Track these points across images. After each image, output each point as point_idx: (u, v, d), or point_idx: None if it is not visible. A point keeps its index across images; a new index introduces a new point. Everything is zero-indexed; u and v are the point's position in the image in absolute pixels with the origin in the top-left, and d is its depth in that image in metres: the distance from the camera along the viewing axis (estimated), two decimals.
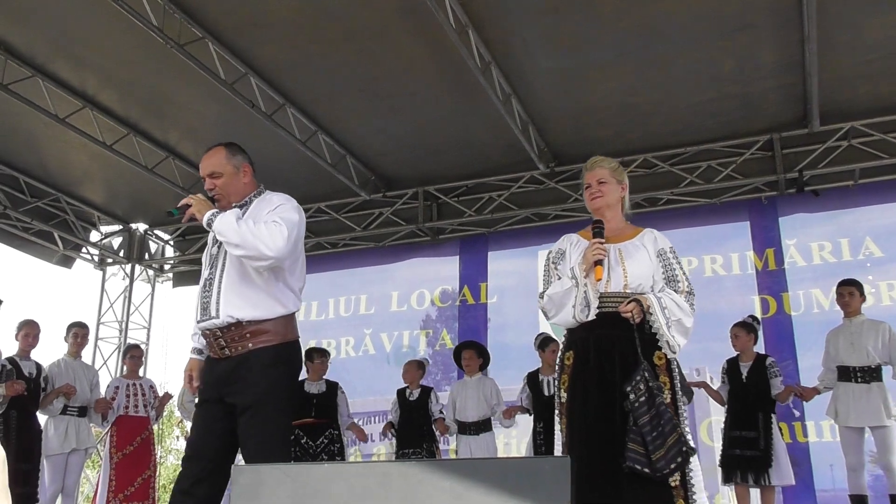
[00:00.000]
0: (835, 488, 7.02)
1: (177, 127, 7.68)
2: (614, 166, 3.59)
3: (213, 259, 3.40)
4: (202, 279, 3.41)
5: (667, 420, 3.09)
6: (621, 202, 3.58)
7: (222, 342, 3.26)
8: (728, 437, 6.27)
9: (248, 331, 3.25)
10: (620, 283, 3.32)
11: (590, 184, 3.54)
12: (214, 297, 3.28)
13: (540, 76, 6.67)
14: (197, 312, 3.34)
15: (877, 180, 7.52)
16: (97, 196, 9.24)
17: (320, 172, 8.11)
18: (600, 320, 3.29)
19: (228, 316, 3.24)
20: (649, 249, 3.43)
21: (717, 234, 8.07)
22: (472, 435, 6.93)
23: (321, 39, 6.16)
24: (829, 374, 6.07)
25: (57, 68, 6.69)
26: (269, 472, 1.49)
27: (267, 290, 3.32)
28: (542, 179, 8.37)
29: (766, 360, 6.34)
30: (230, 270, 3.32)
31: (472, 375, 7.08)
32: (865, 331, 5.89)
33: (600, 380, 3.24)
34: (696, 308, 3.39)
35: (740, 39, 6.13)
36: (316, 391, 7.11)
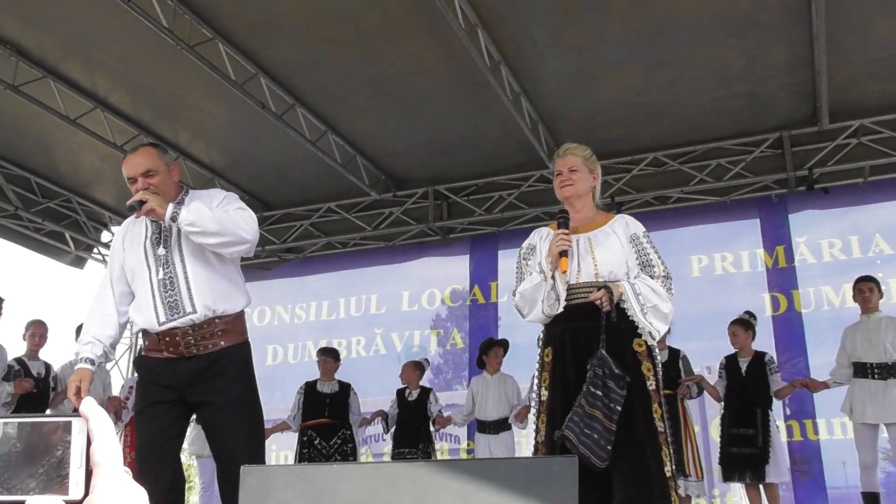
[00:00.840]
0: (847, 485, 7.01)
1: (187, 128, 7.72)
2: (587, 154, 3.51)
3: (162, 258, 3.30)
4: (149, 281, 3.28)
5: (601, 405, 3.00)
6: (592, 192, 3.50)
7: (191, 340, 3.20)
8: (727, 435, 6.28)
9: (219, 328, 3.25)
10: (591, 273, 3.24)
11: (560, 171, 3.48)
12: (185, 294, 3.22)
13: (549, 76, 6.67)
14: (157, 314, 3.22)
15: (886, 177, 7.50)
16: (108, 197, 9.29)
17: (330, 172, 8.13)
18: (574, 312, 3.23)
19: (206, 309, 3.22)
20: (620, 235, 3.34)
21: (728, 232, 8.06)
22: (491, 434, 6.93)
23: (331, 40, 6.18)
24: (842, 370, 6.05)
25: (68, 69, 6.74)
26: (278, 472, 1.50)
27: (232, 282, 3.36)
28: (551, 178, 8.34)
29: (765, 357, 6.36)
30: (195, 265, 3.28)
31: (495, 373, 7.08)
32: (884, 327, 5.88)
33: (579, 375, 3.16)
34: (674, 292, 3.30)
35: (749, 38, 6.12)
36: (329, 391, 7.13)
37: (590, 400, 3.01)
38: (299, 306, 9.47)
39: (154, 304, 3.24)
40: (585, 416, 2.99)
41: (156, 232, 3.35)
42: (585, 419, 2.99)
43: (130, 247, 3.39)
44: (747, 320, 6.51)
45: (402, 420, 7.21)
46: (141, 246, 3.35)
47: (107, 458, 0.69)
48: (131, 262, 3.35)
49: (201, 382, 3.21)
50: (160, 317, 3.22)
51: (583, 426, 2.99)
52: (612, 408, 3.01)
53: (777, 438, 6.19)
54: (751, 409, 6.20)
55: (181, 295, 3.23)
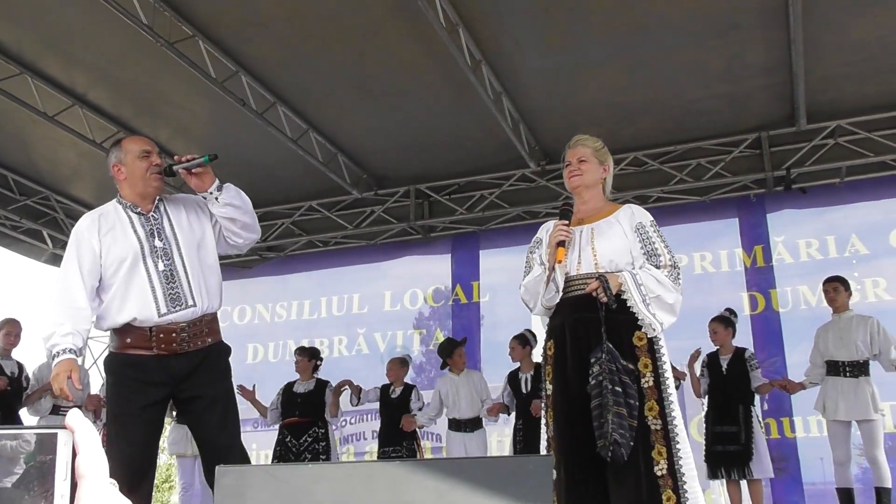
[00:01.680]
0: (824, 481, 7.09)
1: (167, 125, 7.67)
2: (598, 146, 3.49)
3: (160, 250, 3.25)
4: (152, 270, 3.20)
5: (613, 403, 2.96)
6: (602, 183, 3.47)
7: (186, 336, 3.18)
8: (710, 433, 6.34)
9: (206, 325, 3.26)
10: (591, 264, 3.20)
11: (570, 161, 3.45)
12: (185, 287, 3.20)
13: (531, 75, 6.70)
14: (158, 305, 3.16)
15: (862, 178, 7.59)
16: (87, 194, 9.22)
17: (311, 171, 8.12)
18: (574, 304, 3.19)
19: (204, 303, 3.24)
20: (624, 225, 3.28)
21: (707, 232, 8.12)
22: (467, 432, 6.95)
23: (312, 38, 6.17)
24: (816, 370, 6.14)
25: (46, 66, 6.69)
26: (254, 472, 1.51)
27: (218, 281, 3.39)
28: (533, 178, 8.40)
29: (745, 353, 6.42)
30: (192, 260, 3.28)
31: (461, 372, 7.10)
32: (854, 326, 5.97)
33: (579, 368, 3.12)
34: (682, 283, 3.23)
35: (728, 40, 6.17)
36: (303, 390, 7.13)
37: (615, 399, 2.96)
38: (280, 305, 9.45)
39: (154, 296, 3.17)
40: (616, 415, 2.94)
41: (146, 224, 3.29)
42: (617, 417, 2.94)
43: (114, 238, 3.26)
44: (727, 317, 6.56)
45: (386, 418, 7.21)
46: (131, 237, 3.25)
47: (92, 471, 0.69)
48: (118, 253, 3.22)
49: (192, 378, 3.19)
50: (161, 308, 3.15)
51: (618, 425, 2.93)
52: (632, 404, 2.98)
53: (760, 435, 6.24)
54: (733, 407, 6.25)
55: (182, 287, 3.20)
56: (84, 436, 0.70)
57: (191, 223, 3.35)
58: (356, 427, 8.39)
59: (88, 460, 0.69)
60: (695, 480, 3.04)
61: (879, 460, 5.76)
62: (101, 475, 0.69)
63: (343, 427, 8.36)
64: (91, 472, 0.69)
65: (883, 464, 5.77)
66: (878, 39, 6.18)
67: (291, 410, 7.04)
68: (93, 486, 0.68)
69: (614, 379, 2.97)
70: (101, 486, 0.69)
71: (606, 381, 2.97)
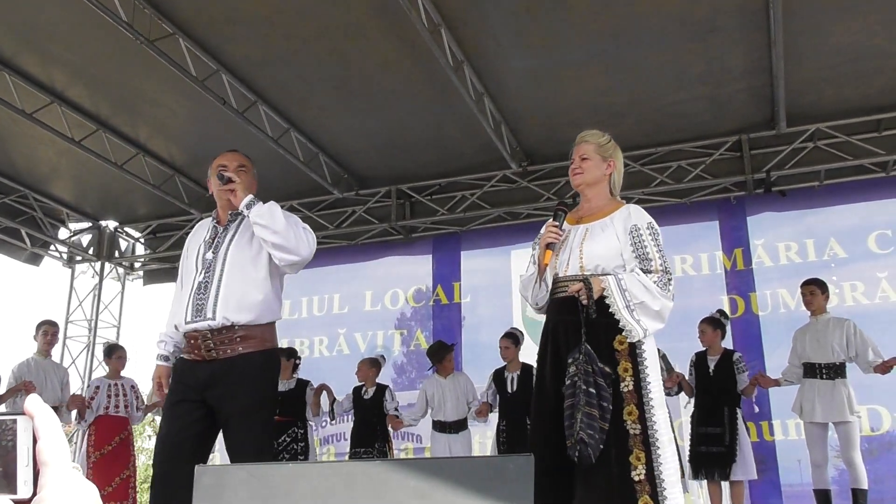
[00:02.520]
0: (801, 483, 7.14)
1: (147, 123, 7.62)
2: (602, 142, 3.39)
3: (208, 263, 3.44)
4: (193, 282, 3.43)
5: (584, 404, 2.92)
6: (608, 180, 3.37)
7: (210, 344, 3.31)
8: (695, 434, 6.36)
9: (239, 335, 3.33)
10: (577, 266, 3.15)
11: (574, 159, 3.37)
12: (211, 300, 3.34)
13: (512, 76, 6.70)
14: (186, 314, 3.36)
15: (841, 181, 7.66)
16: (66, 193, 9.15)
17: (292, 170, 8.09)
18: (560, 306, 3.16)
19: (224, 318, 3.31)
20: (618, 227, 3.20)
21: (687, 234, 8.15)
22: (452, 434, 6.94)
23: (294, 37, 6.14)
24: (793, 370, 6.18)
25: (24, 63, 6.62)
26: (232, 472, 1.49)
27: (264, 296, 3.43)
28: (514, 178, 8.41)
29: (734, 356, 6.43)
30: (231, 275, 3.40)
31: (448, 375, 7.09)
32: (831, 328, 6.01)
33: (556, 368, 3.10)
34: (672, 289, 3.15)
35: (709, 42, 6.20)
36: (283, 388, 7.10)
37: (587, 399, 2.93)
38: None
39: (187, 305, 3.39)
40: (587, 415, 2.91)
41: (212, 238, 3.51)
42: (587, 418, 2.91)
43: (193, 249, 3.56)
44: (717, 319, 6.57)
45: (359, 419, 7.17)
46: (197, 249, 3.52)
47: (54, 457, 0.68)
48: (188, 263, 3.54)
49: (217, 386, 3.29)
50: (187, 316, 3.36)
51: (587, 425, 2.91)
52: (605, 407, 2.94)
53: (744, 437, 6.26)
54: (719, 408, 6.27)
55: (208, 300, 3.35)
56: (44, 421, 0.69)
57: (251, 239, 3.45)
58: (337, 427, 8.34)
59: (50, 446, 0.68)
60: (676, 486, 2.98)
61: (855, 462, 5.81)
62: (63, 461, 0.68)
63: (324, 427, 8.32)
64: (53, 459, 0.68)
65: (859, 465, 5.81)
66: (858, 43, 6.23)
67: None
68: (56, 472, 0.67)
69: (588, 380, 2.94)
70: (64, 471, 0.68)
71: (581, 381, 2.95)
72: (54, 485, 0.67)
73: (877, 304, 7.29)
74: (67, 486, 0.67)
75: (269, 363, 3.45)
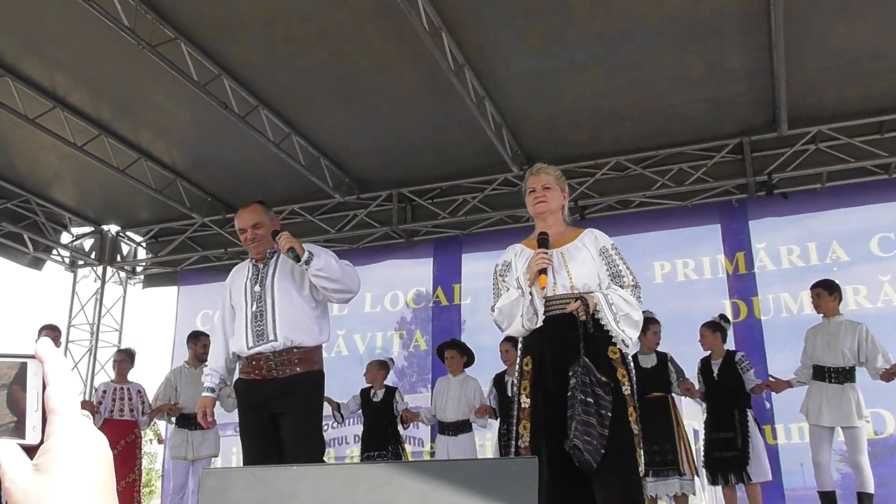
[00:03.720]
0: (804, 487, 7.12)
1: (149, 128, 7.63)
2: (558, 174, 3.75)
3: (257, 295, 4.00)
4: (245, 314, 3.98)
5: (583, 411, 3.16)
6: (562, 209, 3.73)
7: (272, 364, 3.86)
8: (709, 440, 6.34)
9: (297, 356, 3.87)
10: (567, 286, 3.44)
11: (534, 188, 3.67)
12: (270, 325, 3.87)
13: (513, 79, 6.70)
14: (248, 340, 3.90)
15: (843, 183, 7.65)
16: (68, 197, 9.16)
17: (294, 174, 8.09)
18: (552, 323, 3.41)
19: (287, 339, 3.84)
20: (591, 249, 3.53)
21: (689, 238, 8.14)
22: (450, 435, 6.90)
23: (295, 41, 6.15)
24: (805, 370, 6.12)
25: (27, 68, 6.63)
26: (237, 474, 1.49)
27: (315, 320, 3.99)
28: (515, 182, 8.40)
29: (736, 356, 6.38)
30: (283, 303, 3.93)
31: (457, 375, 7.06)
32: (842, 332, 5.95)
33: (558, 381, 3.32)
34: (643, 300, 3.51)
35: (710, 44, 6.20)
36: None
37: (584, 408, 3.16)
38: None
39: (246, 332, 3.92)
40: (582, 423, 3.14)
41: (255, 274, 4.08)
42: (582, 426, 3.14)
43: (237, 288, 4.11)
44: (716, 322, 6.55)
45: (369, 421, 7.13)
46: (243, 285, 4.07)
47: (63, 403, 0.66)
48: (236, 299, 4.09)
49: (279, 400, 3.82)
50: (249, 342, 3.90)
51: (582, 432, 3.13)
52: (604, 414, 3.19)
53: (757, 438, 6.21)
54: (728, 412, 6.23)
55: (267, 326, 3.88)
56: (54, 366, 0.67)
57: (293, 272, 4.01)
58: (338, 431, 8.34)
59: (59, 393, 0.67)
60: None
61: (862, 465, 5.78)
62: (73, 408, 0.67)
63: (325, 431, 8.31)
64: (62, 406, 0.66)
65: (866, 469, 5.78)
66: (859, 45, 6.23)
67: None
68: (65, 418, 0.66)
69: (587, 391, 3.19)
70: (73, 419, 0.66)
71: (579, 392, 3.19)
72: (63, 433, 0.65)
73: (879, 307, 7.28)
74: (77, 434, 0.66)
75: (321, 382, 4.03)
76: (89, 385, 9.58)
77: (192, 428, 7.06)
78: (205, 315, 9.61)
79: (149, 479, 21.68)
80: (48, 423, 0.66)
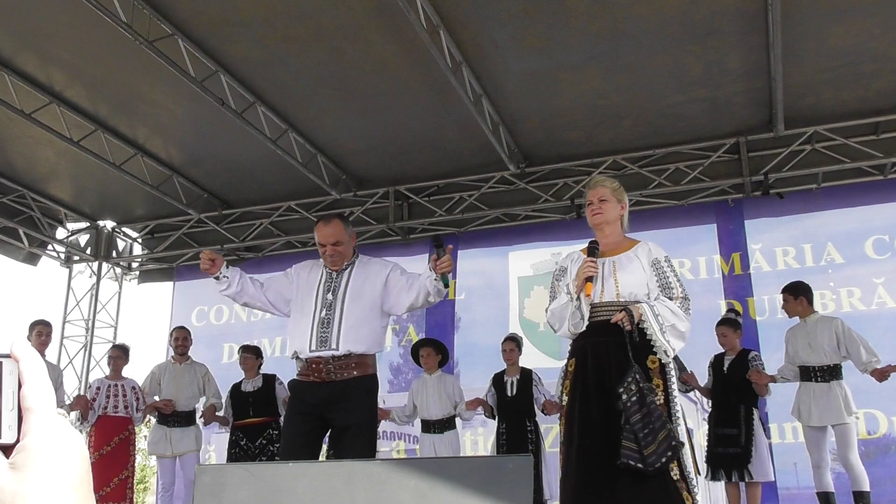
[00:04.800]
0: (798, 486, 7.14)
1: (145, 124, 7.62)
2: (615, 186, 3.89)
3: (328, 302, 4.19)
4: (315, 316, 4.17)
5: (657, 417, 3.33)
6: (620, 220, 3.87)
7: (331, 368, 4.06)
8: (713, 435, 6.33)
9: (354, 361, 4.08)
10: (613, 294, 3.61)
11: (591, 201, 3.84)
12: (335, 334, 4.08)
13: (511, 77, 6.71)
14: (311, 343, 4.09)
15: (839, 184, 7.66)
16: (64, 193, 9.14)
17: (291, 171, 8.09)
18: (597, 329, 3.59)
19: (346, 349, 4.05)
20: (643, 261, 3.68)
21: (686, 238, 8.15)
22: (436, 433, 6.90)
23: (293, 38, 6.14)
24: (790, 367, 6.13)
25: (23, 63, 6.62)
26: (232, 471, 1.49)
27: (376, 332, 4.22)
28: (512, 180, 8.41)
29: (749, 354, 6.36)
30: (350, 315, 4.13)
31: (432, 373, 7.06)
32: (819, 330, 5.96)
33: (599, 384, 3.51)
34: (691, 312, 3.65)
35: (708, 44, 6.21)
36: (251, 388, 7.05)
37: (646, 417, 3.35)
38: None
39: (311, 336, 4.11)
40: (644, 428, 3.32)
41: (328, 281, 4.26)
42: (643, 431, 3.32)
43: (308, 289, 4.29)
44: (734, 319, 6.51)
45: None
46: (315, 290, 4.25)
47: (39, 402, 0.66)
48: (304, 300, 4.26)
49: (335, 403, 4.03)
50: (312, 345, 4.09)
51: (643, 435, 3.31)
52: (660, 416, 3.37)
53: (761, 437, 6.21)
54: (734, 408, 6.22)
55: (332, 334, 4.08)
56: (30, 366, 0.67)
57: (365, 284, 4.22)
58: None
59: (35, 392, 0.66)
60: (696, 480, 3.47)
61: (853, 462, 5.78)
62: (48, 407, 0.66)
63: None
64: (38, 405, 0.66)
65: (857, 466, 5.78)
66: (856, 46, 6.24)
67: (244, 411, 6.96)
68: (41, 418, 0.66)
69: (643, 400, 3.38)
70: (49, 418, 0.66)
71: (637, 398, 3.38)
72: (39, 431, 0.65)
73: (873, 310, 7.29)
74: (52, 433, 0.65)
75: (374, 385, 4.22)
76: (84, 381, 9.56)
77: (172, 424, 7.07)
78: (200, 311, 9.61)
79: (143, 475, 21.68)
80: (24, 422, 0.66)
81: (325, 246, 4.24)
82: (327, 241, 4.23)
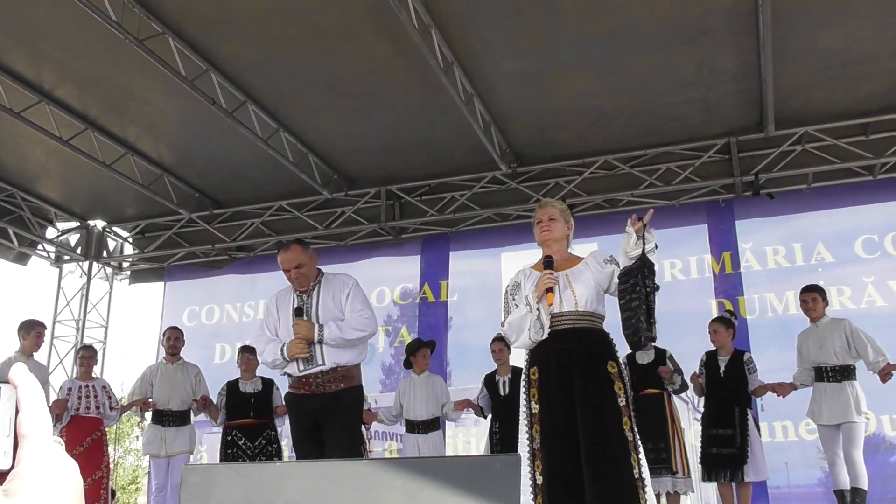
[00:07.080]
0: (788, 485, 7.17)
1: (136, 123, 7.59)
2: (563, 208, 4.17)
3: None
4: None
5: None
6: (566, 239, 4.12)
7: (320, 382, 4.48)
8: (706, 435, 6.35)
9: (341, 374, 4.49)
10: (572, 304, 3.80)
11: (541, 219, 4.07)
12: (319, 352, 4.47)
13: (503, 78, 6.71)
14: (299, 364, 4.49)
15: (829, 184, 7.71)
16: (54, 192, 9.10)
17: (282, 171, 8.07)
18: (557, 337, 3.75)
19: (333, 362, 4.46)
20: (591, 266, 3.88)
21: (677, 237, 8.17)
22: (420, 434, 6.91)
23: (284, 37, 6.13)
24: (805, 372, 6.16)
25: (12, 61, 6.58)
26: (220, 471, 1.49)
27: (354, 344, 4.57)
28: (503, 180, 8.42)
29: (744, 356, 6.40)
30: None
31: (422, 374, 7.07)
32: (829, 332, 6.02)
33: (564, 390, 3.66)
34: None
35: (699, 45, 6.23)
36: (252, 390, 7.05)
37: None
38: (248, 305, 9.40)
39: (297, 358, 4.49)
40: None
41: (300, 302, 4.62)
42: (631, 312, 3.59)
43: (284, 312, 4.66)
44: (728, 318, 6.56)
45: None
46: (290, 315, 4.59)
47: (35, 430, 0.66)
48: (283, 323, 4.64)
49: (325, 411, 4.45)
50: (300, 366, 4.50)
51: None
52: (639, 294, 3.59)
53: (756, 438, 6.23)
54: (729, 409, 6.24)
55: (316, 352, 4.47)
56: (27, 392, 0.67)
57: (333, 300, 4.59)
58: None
59: (31, 419, 0.67)
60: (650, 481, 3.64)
61: (856, 460, 5.82)
62: (44, 434, 0.67)
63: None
64: (34, 432, 0.66)
65: (859, 464, 5.82)
66: (846, 48, 6.27)
67: (243, 411, 6.94)
68: (36, 445, 0.66)
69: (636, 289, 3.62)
70: (44, 445, 0.66)
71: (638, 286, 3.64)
72: (33, 458, 0.65)
73: (863, 308, 7.32)
74: (47, 460, 0.65)
75: (361, 396, 4.81)
76: None
77: (166, 424, 7.06)
78: (191, 311, 9.59)
79: (136, 475, 21.63)
80: (19, 449, 0.66)
81: (289, 270, 4.61)
82: (290, 266, 4.60)
